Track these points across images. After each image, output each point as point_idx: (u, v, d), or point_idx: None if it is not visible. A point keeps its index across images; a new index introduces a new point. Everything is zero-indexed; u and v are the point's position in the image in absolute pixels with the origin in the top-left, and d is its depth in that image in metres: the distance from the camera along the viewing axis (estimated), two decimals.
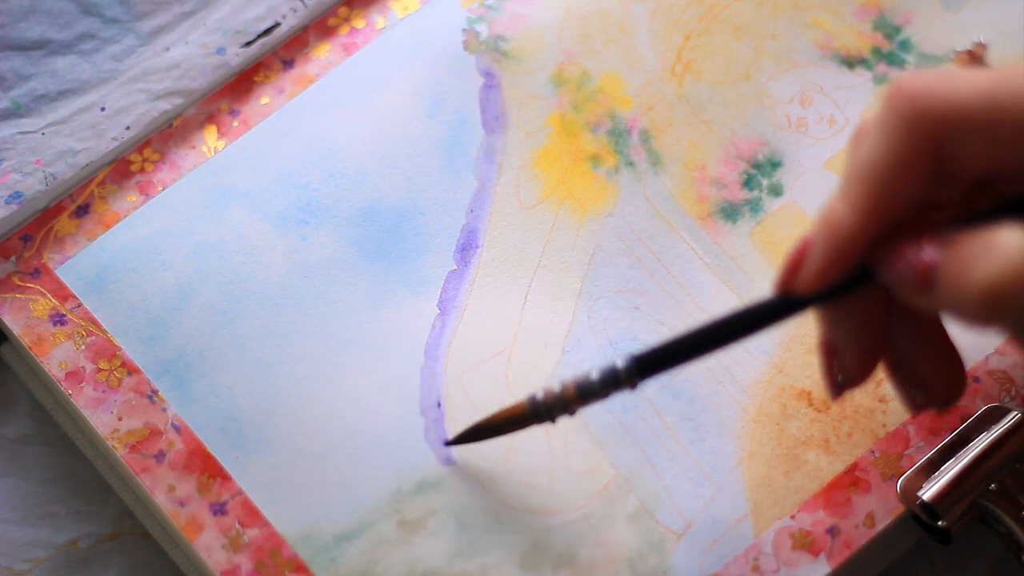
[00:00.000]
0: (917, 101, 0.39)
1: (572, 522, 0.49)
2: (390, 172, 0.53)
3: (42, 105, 0.54)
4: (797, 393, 0.50)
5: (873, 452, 0.50)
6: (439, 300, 0.52)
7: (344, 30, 0.56)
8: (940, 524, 0.48)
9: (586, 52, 0.55)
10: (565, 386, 0.45)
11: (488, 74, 0.55)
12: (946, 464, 0.48)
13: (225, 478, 0.49)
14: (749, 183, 0.53)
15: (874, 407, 0.50)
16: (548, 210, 0.53)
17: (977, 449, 0.48)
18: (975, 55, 0.55)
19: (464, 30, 0.55)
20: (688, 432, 0.50)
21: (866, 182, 0.39)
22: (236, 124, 0.54)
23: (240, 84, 0.55)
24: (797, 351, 0.51)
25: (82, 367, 0.50)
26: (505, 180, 0.53)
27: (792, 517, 0.49)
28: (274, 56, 0.55)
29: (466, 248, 0.52)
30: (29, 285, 0.52)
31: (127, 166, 0.54)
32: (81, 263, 0.52)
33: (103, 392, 0.50)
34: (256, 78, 0.55)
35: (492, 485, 0.49)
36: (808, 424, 0.50)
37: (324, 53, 0.55)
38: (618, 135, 0.54)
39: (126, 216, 0.53)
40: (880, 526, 0.49)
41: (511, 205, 0.53)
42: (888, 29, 0.56)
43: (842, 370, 0.44)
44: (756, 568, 0.48)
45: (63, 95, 0.54)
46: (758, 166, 0.54)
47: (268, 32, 0.55)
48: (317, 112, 0.54)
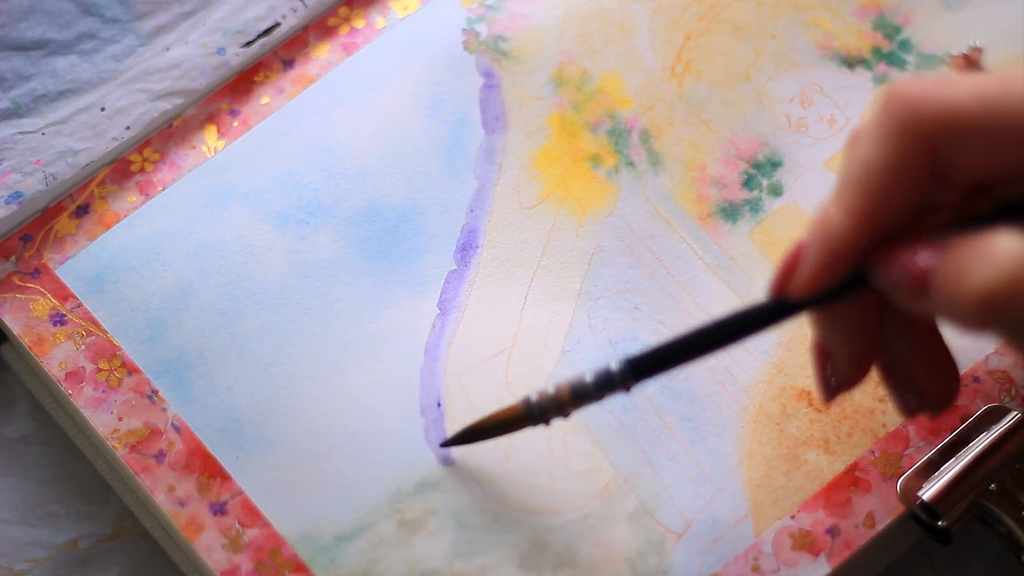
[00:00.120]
0: (913, 106, 0.39)
1: (572, 522, 0.49)
2: (390, 172, 0.53)
3: (42, 105, 0.54)
4: (797, 393, 0.50)
5: (873, 452, 0.50)
6: (439, 300, 0.52)
7: (344, 30, 0.56)
8: (940, 524, 0.48)
9: (586, 52, 0.55)
10: (559, 388, 0.45)
11: (488, 74, 0.55)
12: (946, 464, 0.48)
13: (225, 478, 0.49)
14: (749, 183, 0.53)
15: (874, 407, 0.50)
16: (548, 210, 0.53)
17: (977, 449, 0.48)
18: (971, 59, 0.54)
19: (464, 30, 0.55)
20: (688, 432, 0.50)
21: (861, 187, 0.39)
22: (236, 124, 0.54)
23: (240, 84, 0.55)
24: (797, 351, 0.51)
25: (82, 367, 0.50)
26: (505, 180, 0.53)
27: (792, 517, 0.49)
28: (274, 56, 0.55)
29: (466, 248, 0.52)
30: (29, 285, 0.52)
31: (127, 166, 0.54)
32: (81, 263, 0.52)
33: (103, 392, 0.50)
34: (256, 78, 0.55)
35: (492, 485, 0.49)
36: (808, 424, 0.50)
37: (324, 53, 0.55)
38: (618, 135, 0.54)
39: (126, 216, 0.53)
40: (880, 526, 0.49)
41: (511, 205, 0.53)
42: (888, 29, 0.56)
43: (835, 373, 0.44)
44: (756, 568, 0.48)
45: (63, 95, 0.54)
46: (758, 166, 0.54)
47: (268, 32, 0.55)
48: (317, 112, 0.54)
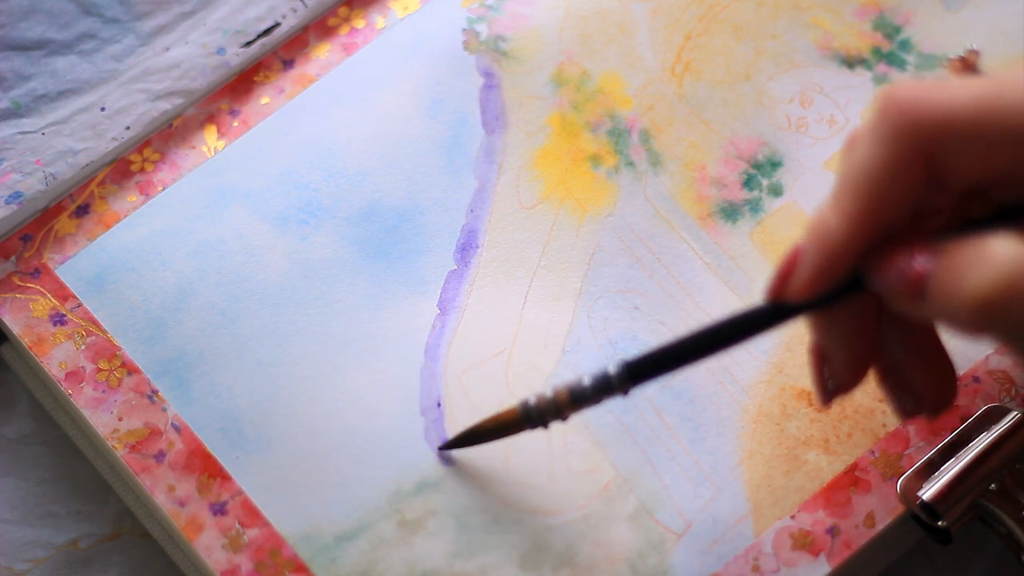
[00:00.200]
0: (909, 110, 0.39)
1: (572, 522, 0.49)
2: (390, 172, 0.53)
3: (42, 105, 0.54)
4: (797, 393, 0.50)
5: (873, 452, 0.50)
6: (439, 300, 0.52)
7: (344, 30, 0.56)
8: (940, 524, 0.48)
9: (586, 52, 0.55)
10: (557, 391, 0.45)
11: (488, 74, 0.55)
12: (946, 464, 0.48)
13: (225, 478, 0.49)
14: (749, 183, 0.53)
15: (874, 407, 0.50)
16: (548, 210, 0.53)
17: (977, 449, 0.48)
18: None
19: (464, 30, 0.55)
20: (688, 432, 0.50)
21: (857, 191, 0.39)
22: (236, 124, 0.54)
23: (240, 84, 0.55)
24: (797, 351, 0.51)
25: (82, 367, 0.50)
26: (505, 180, 0.53)
27: (792, 517, 0.49)
28: (274, 56, 0.55)
29: (466, 248, 0.52)
30: (29, 285, 0.52)
31: (127, 166, 0.54)
32: (81, 263, 0.52)
33: (103, 392, 0.50)
34: (256, 78, 0.55)
35: (492, 485, 0.49)
36: (808, 424, 0.50)
37: (324, 53, 0.55)
38: (618, 135, 0.54)
39: (126, 216, 0.53)
40: (880, 526, 0.49)
41: (511, 205, 0.53)
42: (888, 29, 0.56)
43: (833, 376, 0.44)
44: (756, 568, 0.48)
45: (63, 95, 0.54)
46: (758, 166, 0.54)
47: (268, 32, 0.55)
48: (317, 112, 0.54)
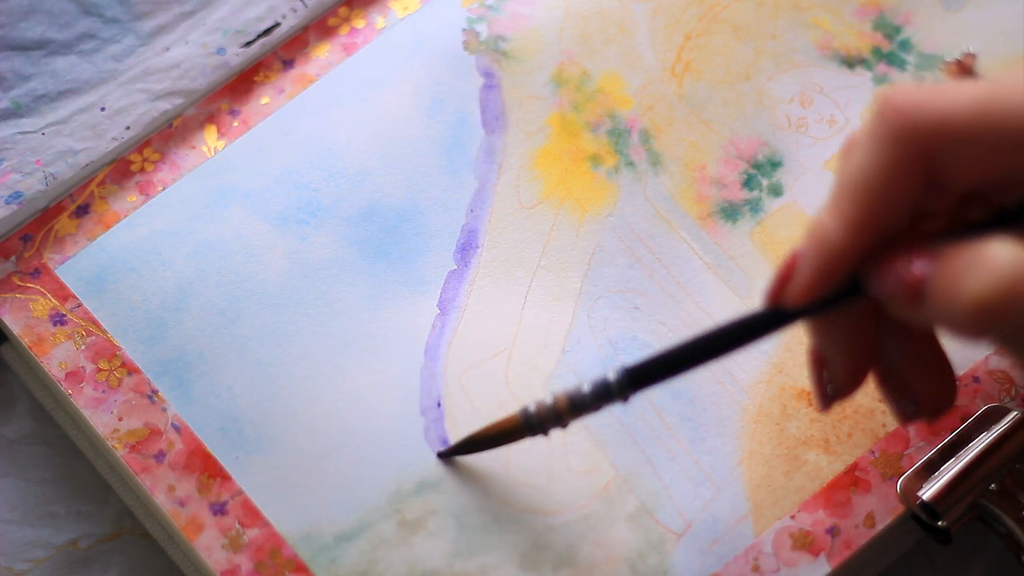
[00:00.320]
0: (907, 114, 0.39)
1: (572, 522, 0.49)
2: (390, 172, 0.53)
3: (42, 105, 0.54)
4: (797, 393, 0.50)
5: (873, 452, 0.50)
6: (439, 300, 0.52)
7: (344, 30, 0.56)
8: (940, 524, 0.48)
9: (586, 52, 0.55)
10: (557, 399, 0.45)
11: (488, 74, 0.55)
12: (946, 464, 0.48)
13: (225, 478, 0.49)
14: (749, 183, 0.53)
15: (874, 407, 0.50)
16: (548, 210, 0.53)
17: (977, 449, 0.48)
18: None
19: (464, 30, 0.55)
20: (688, 432, 0.50)
21: (856, 196, 0.39)
22: (236, 124, 0.54)
23: (240, 84, 0.55)
24: (797, 351, 0.51)
25: (82, 367, 0.50)
26: (505, 180, 0.53)
27: (792, 517, 0.49)
28: (274, 56, 0.55)
29: (466, 248, 0.52)
30: (29, 285, 0.52)
31: (127, 166, 0.54)
32: (81, 263, 0.52)
33: (103, 392, 0.50)
34: (256, 78, 0.55)
35: (492, 485, 0.49)
36: (808, 424, 0.50)
37: (324, 53, 0.55)
38: (618, 135, 0.54)
39: (126, 216, 0.53)
40: (880, 526, 0.49)
41: (511, 205, 0.53)
42: (888, 29, 0.56)
43: (832, 381, 0.44)
44: (756, 568, 0.48)
45: (63, 95, 0.54)
46: (758, 166, 0.54)
47: (268, 32, 0.55)
48: (317, 112, 0.54)
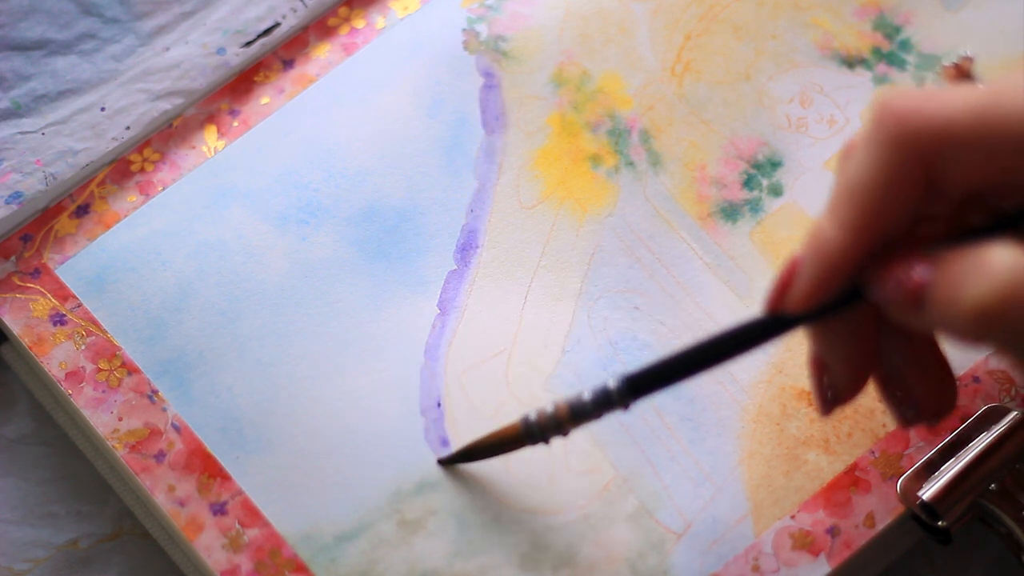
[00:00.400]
0: (905, 119, 0.39)
1: (572, 522, 0.49)
2: (390, 172, 0.53)
3: (42, 105, 0.54)
4: (797, 393, 0.50)
5: (873, 452, 0.50)
6: (439, 300, 0.52)
7: (344, 30, 0.56)
8: (940, 524, 0.48)
9: (586, 52, 0.55)
10: (558, 407, 0.45)
11: (488, 74, 0.55)
12: (946, 464, 0.48)
13: (225, 478, 0.49)
14: (749, 183, 0.53)
15: (874, 407, 0.50)
16: (548, 210, 0.53)
17: (977, 449, 0.48)
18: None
19: (464, 30, 0.55)
20: (688, 432, 0.50)
21: (855, 201, 0.39)
22: (236, 124, 0.54)
23: (240, 84, 0.55)
24: (797, 351, 0.51)
25: (82, 367, 0.50)
26: (505, 180, 0.53)
27: (792, 517, 0.49)
28: (274, 56, 0.55)
29: (466, 248, 0.52)
30: (29, 285, 0.52)
31: (127, 166, 0.54)
32: (81, 263, 0.52)
33: (103, 392, 0.50)
34: (256, 78, 0.55)
35: (492, 485, 0.49)
36: (808, 424, 0.50)
37: (324, 53, 0.55)
38: (618, 135, 0.54)
39: (126, 216, 0.53)
40: (880, 526, 0.49)
41: (511, 205, 0.53)
42: (888, 29, 0.56)
43: (832, 386, 0.44)
44: (756, 568, 0.48)
45: (63, 95, 0.54)
46: (758, 166, 0.54)
47: (268, 32, 0.55)
48: (317, 112, 0.54)
